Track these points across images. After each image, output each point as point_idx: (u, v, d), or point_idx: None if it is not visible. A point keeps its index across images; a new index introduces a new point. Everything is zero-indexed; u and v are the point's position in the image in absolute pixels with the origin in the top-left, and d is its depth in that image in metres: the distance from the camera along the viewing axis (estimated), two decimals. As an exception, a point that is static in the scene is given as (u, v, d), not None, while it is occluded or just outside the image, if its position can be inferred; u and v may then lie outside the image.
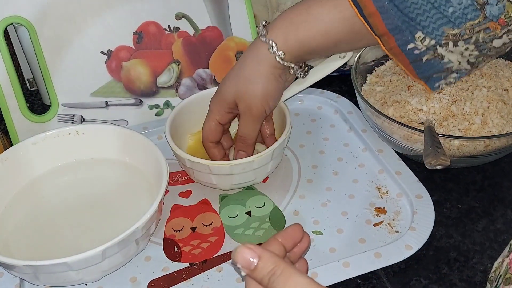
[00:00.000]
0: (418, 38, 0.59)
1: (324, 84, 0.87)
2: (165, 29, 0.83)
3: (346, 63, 0.90)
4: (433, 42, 0.59)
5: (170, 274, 0.64)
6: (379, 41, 0.61)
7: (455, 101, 0.72)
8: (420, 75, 0.63)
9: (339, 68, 0.90)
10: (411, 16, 0.58)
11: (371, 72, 0.82)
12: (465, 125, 0.70)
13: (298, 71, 0.67)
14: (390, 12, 0.59)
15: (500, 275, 0.49)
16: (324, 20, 0.62)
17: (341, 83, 0.89)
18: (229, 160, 0.73)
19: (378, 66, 0.82)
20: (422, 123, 0.71)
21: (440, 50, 0.60)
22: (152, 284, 0.63)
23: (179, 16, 0.83)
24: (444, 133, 0.70)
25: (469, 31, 0.58)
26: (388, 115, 0.72)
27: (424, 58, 0.61)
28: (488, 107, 0.72)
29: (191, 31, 0.84)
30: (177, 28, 0.84)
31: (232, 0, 0.85)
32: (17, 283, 0.63)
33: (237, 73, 0.67)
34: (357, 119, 0.81)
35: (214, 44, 0.85)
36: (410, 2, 0.58)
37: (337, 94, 0.86)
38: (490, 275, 0.51)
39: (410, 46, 0.60)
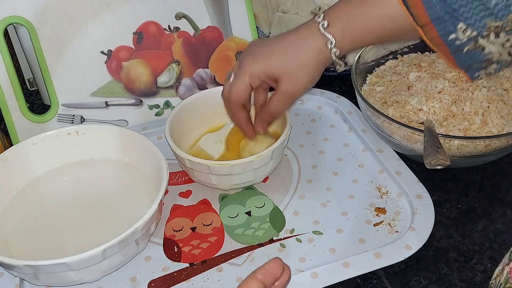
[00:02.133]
0: (460, 29, 0.59)
1: (324, 84, 0.87)
2: (165, 29, 0.83)
3: (346, 63, 0.91)
4: (474, 33, 0.59)
5: (170, 274, 0.64)
6: (421, 32, 0.61)
7: (455, 101, 0.72)
8: (460, 65, 0.63)
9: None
10: (453, 7, 0.58)
11: (371, 72, 0.82)
12: (465, 125, 0.70)
13: (343, 67, 0.67)
14: (433, 2, 0.59)
15: (501, 284, 0.48)
16: (381, 13, 0.62)
17: (341, 83, 0.89)
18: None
19: (378, 66, 0.82)
20: (422, 123, 0.71)
21: (481, 41, 0.60)
22: (152, 284, 0.63)
23: (179, 16, 0.83)
24: (444, 133, 0.70)
25: (511, 23, 0.58)
26: (388, 115, 0.72)
27: (465, 49, 0.61)
28: (488, 107, 0.72)
29: (191, 31, 0.84)
30: (177, 28, 0.84)
31: (232, 0, 0.85)
32: (17, 283, 0.63)
33: (289, 52, 0.65)
34: (357, 119, 0.81)
35: (214, 44, 0.85)
36: None
37: (337, 94, 0.86)
38: (490, 282, 0.51)
39: (452, 36, 0.60)
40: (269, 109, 0.68)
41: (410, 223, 0.67)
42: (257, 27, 0.91)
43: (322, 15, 0.64)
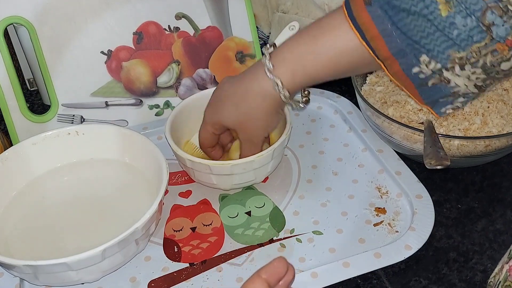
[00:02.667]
0: (423, 61, 0.57)
1: (324, 84, 0.87)
2: (165, 29, 0.83)
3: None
4: (438, 65, 0.57)
5: (170, 274, 0.64)
6: (383, 66, 0.59)
7: (455, 101, 0.72)
8: (426, 100, 0.61)
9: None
10: (415, 39, 0.56)
11: (371, 72, 0.82)
12: (465, 125, 0.70)
13: (300, 106, 0.68)
14: (393, 36, 0.57)
15: (500, 281, 0.48)
16: (333, 51, 0.60)
17: (341, 83, 0.89)
18: (228, 155, 0.73)
19: (378, 66, 0.82)
20: (422, 123, 0.71)
21: (446, 74, 0.58)
22: (152, 284, 0.63)
23: (179, 16, 0.83)
24: (444, 133, 0.70)
25: (476, 54, 0.56)
26: (388, 115, 0.72)
27: (430, 83, 0.59)
28: (488, 107, 0.72)
29: (191, 31, 0.84)
30: (177, 28, 0.84)
31: (232, 0, 0.85)
32: (17, 283, 0.63)
33: (239, 104, 0.66)
34: (357, 119, 0.81)
35: (214, 44, 0.85)
36: (413, 24, 0.56)
37: (337, 94, 0.86)
38: (489, 280, 0.51)
39: (415, 70, 0.58)
40: (242, 157, 0.69)
41: (410, 223, 0.67)
42: (257, 27, 0.91)
43: (268, 56, 0.63)
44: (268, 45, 0.65)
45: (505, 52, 0.56)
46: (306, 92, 0.69)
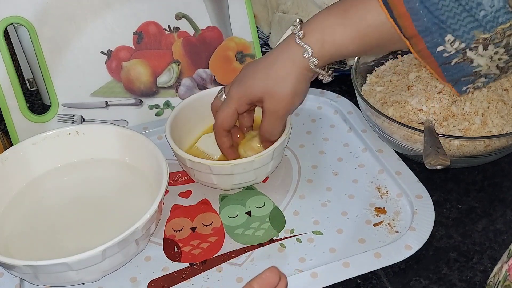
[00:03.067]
0: (448, 41, 0.59)
1: (324, 84, 0.87)
2: (165, 29, 0.83)
3: (346, 63, 0.91)
4: (463, 45, 0.59)
5: (170, 274, 0.64)
6: (408, 43, 0.60)
7: (455, 101, 0.72)
8: (448, 78, 0.63)
9: (339, 68, 0.90)
10: (441, 19, 0.58)
11: (371, 72, 0.82)
12: (465, 125, 0.70)
13: (327, 78, 0.68)
14: (420, 14, 0.58)
15: (499, 281, 0.48)
16: (362, 24, 0.61)
17: (341, 83, 0.89)
18: (237, 152, 0.73)
19: (378, 66, 0.82)
20: (422, 123, 0.71)
21: (469, 53, 0.59)
22: (152, 284, 0.63)
23: (179, 16, 0.83)
24: (444, 133, 0.70)
25: (500, 35, 0.57)
26: (388, 115, 0.72)
27: (453, 61, 0.60)
28: (488, 107, 0.72)
29: (191, 31, 0.84)
30: (177, 28, 0.84)
31: (232, 0, 0.85)
32: (17, 283, 0.63)
33: (268, 70, 0.66)
34: (357, 119, 0.81)
35: (214, 44, 0.85)
36: (441, 4, 0.57)
37: (337, 94, 0.86)
38: (489, 280, 0.51)
39: (440, 48, 0.59)
40: (262, 132, 0.69)
41: (410, 223, 0.67)
42: (257, 27, 0.91)
43: (299, 25, 0.64)
44: (297, 20, 0.65)
45: None
46: (330, 72, 0.69)
